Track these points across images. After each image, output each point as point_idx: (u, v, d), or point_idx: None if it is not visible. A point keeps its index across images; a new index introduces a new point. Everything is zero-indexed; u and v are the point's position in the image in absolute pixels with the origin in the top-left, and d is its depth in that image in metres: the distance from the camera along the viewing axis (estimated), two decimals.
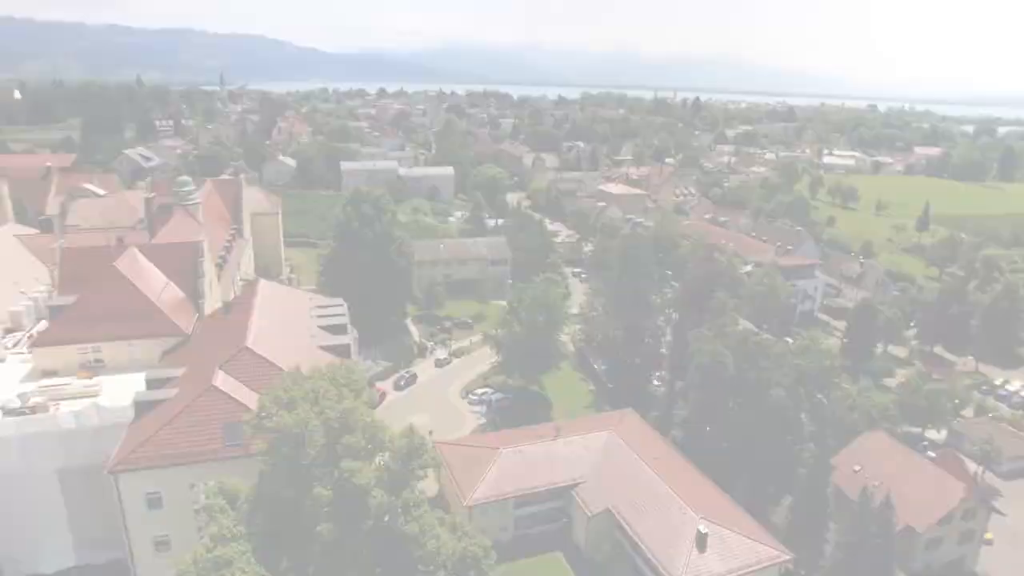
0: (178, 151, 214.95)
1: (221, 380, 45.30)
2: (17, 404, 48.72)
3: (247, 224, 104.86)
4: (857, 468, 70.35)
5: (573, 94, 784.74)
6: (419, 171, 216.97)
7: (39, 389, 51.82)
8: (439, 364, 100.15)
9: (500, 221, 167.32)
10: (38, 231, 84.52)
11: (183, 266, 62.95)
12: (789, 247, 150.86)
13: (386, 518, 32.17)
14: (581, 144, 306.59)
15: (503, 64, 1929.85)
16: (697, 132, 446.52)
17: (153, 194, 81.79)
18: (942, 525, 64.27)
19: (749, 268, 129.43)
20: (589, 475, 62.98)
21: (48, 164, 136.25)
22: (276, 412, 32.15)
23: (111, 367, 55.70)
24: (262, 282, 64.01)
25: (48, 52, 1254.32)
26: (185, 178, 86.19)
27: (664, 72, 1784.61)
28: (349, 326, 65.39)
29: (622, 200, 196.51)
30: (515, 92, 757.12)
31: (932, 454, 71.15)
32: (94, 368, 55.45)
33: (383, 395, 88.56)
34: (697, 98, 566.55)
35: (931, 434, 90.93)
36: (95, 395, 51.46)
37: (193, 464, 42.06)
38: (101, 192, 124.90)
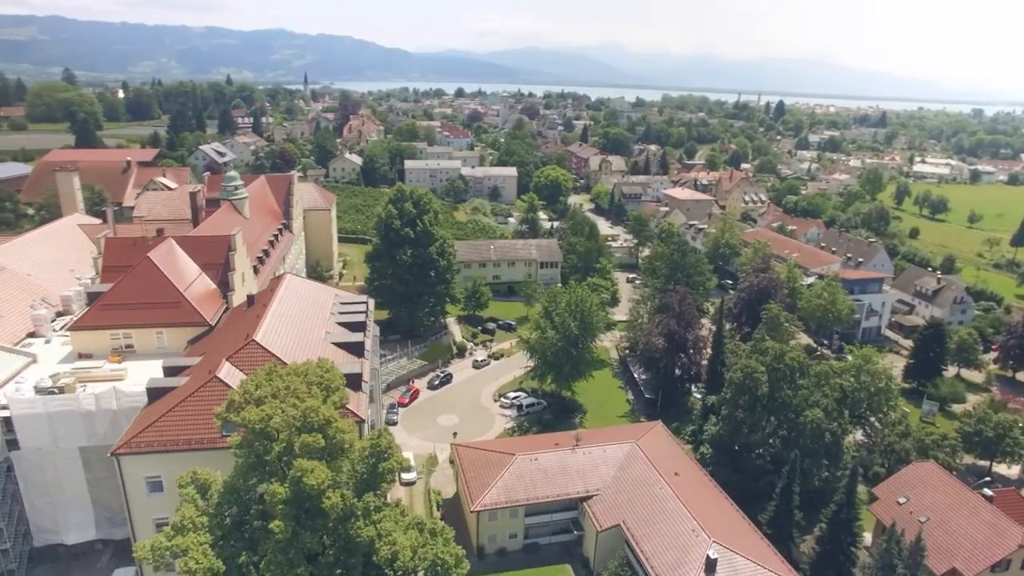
0: (252, 147, 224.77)
1: (225, 371, 46.37)
2: (48, 383, 51.53)
3: (298, 219, 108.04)
4: (902, 500, 65.14)
5: (653, 96, 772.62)
6: (481, 171, 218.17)
7: (72, 370, 54.76)
8: (477, 365, 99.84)
9: (555, 223, 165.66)
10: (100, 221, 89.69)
11: (215, 258, 65.21)
12: (860, 259, 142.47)
13: (346, 521, 31.83)
14: (652, 147, 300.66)
15: (584, 66, 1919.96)
16: (778, 137, 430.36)
17: (199, 188, 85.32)
18: (996, 573, 58.46)
19: (811, 280, 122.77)
20: (604, 487, 60.97)
21: (128, 159, 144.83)
22: (244, 406, 32.40)
23: (140, 353, 58.26)
24: (288, 276, 65.34)
25: (155, 54, 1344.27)
26: (232, 173, 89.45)
27: (748, 75, 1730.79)
28: (372, 324, 65.91)
29: (686, 205, 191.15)
30: (594, 94, 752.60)
31: (990, 492, 64.77)
32: (125, 353, 58.13)
33: (416, 393, 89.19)
34: (780, 102, 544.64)
35: (1002, 469, 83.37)
36: (120, 379, 53.86)
37: (192, 451, 43.11)
38: (173, 185, 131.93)
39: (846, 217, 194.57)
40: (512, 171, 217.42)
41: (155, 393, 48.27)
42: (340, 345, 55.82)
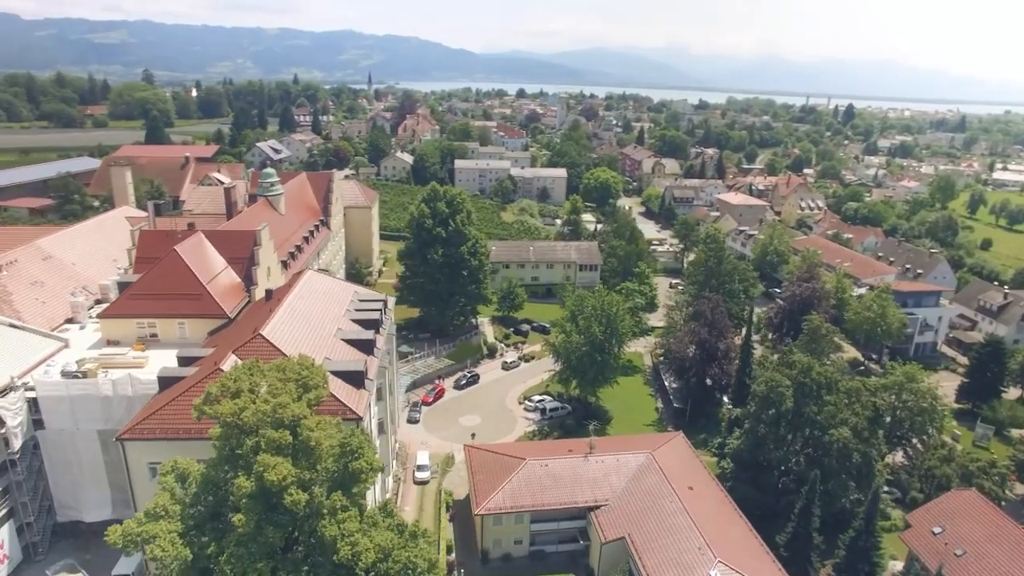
0: (307, 145, 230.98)
1: (229, 364, 47.33)
2: (74, 368, 53.93)
3: (338, 216, 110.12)
4: (937, 530, 61.01)
5: (717, 99, 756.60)
6: (531, 172, 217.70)
7: (99, 356, 57.15)
8: (506, 367, 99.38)
9: (599, 226, 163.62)
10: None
11: (242, 252, 66.93)
12: (919, 271, 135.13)
13: (313, 519, 31.90)
14: (709, 151, 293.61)
15: (648, 68, 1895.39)
16: (846, 142, 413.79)
17: (233, 184, 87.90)
18: None
19: (862, 291, 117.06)
20: (614, 498, 59.48)
21: (187, 155, 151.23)
22: (221, 399, 32.90)
23: (164, 342, 60.26)
24: (308, 273, 66.40)
25: (231, 54, 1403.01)
26: (269, 170, 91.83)
27: (814, 77, 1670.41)
28: (389, 322, 66.34)
29: (739, 211, 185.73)
30: (657, 96, 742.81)
31: None
32: (149, 342, 60.27)
33: (441, 392, 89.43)
34: (850, 105, 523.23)
35: None
36: (141, 366, 55.81)
37: (192, 440, 44.19)
38: (226, 180, 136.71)
39: (909, 226, 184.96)
40: (562, 172, 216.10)
41: (165, 382, 49.76)
42: (350, 342, 56.34)
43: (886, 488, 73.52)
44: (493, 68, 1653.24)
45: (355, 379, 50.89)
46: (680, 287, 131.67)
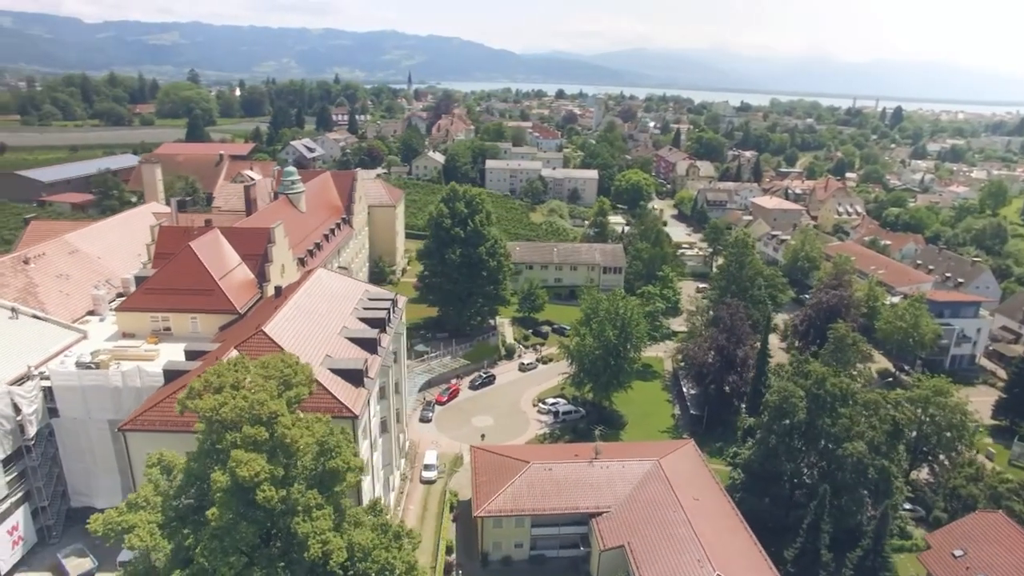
0: (341, 144, 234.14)
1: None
2: (88, 359, 55.47)
3: (361, 215, 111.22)
4: (958, 553, 58.43)
5: (760, 100, 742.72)
6: (562, 173, 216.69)
7: (113, 348, 58.65)
8: (523, 368, 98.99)
9: (626, 228, 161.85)
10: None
11: (256, 249, 67.97)
12: (959, 280, 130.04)
13: (288, 516, 32.06)
14: (747, 154, 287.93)
15: (690, 69, 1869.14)
16: (892, 146, 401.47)
17: (253, 182, 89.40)
18: None
19: (896, 300, 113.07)
20: (616, 505, 58.54)
21: (221, 152, 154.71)
22: (203, 394, 33.31)
23: (177, 336, 61.52)
24: (319, 271, 67.00)
25: (277, 54, 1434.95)
26: (290, 169, 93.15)
27: (863, 78, 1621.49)
28: (398, 321, 66.56)
29: (773, 215, 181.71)
30: (699, 97, 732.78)
31: None
32: (163, 335, 61.60)
33: (455, 392, 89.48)
34: (898, 107, 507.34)
35: None
36: (152, 359, 57.06)
37: (189, 433, 44.79)
38: (258, 177, 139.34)
39: (953, 233, 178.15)
40: (593, 174, 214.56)
41: (170, 375, 50.77)
42: (354, 340, 56.64)
43: (909, 506, 70.91)
44: (534, 69, 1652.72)
45: (354, 377, 51.12)
46: (703, 292, 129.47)
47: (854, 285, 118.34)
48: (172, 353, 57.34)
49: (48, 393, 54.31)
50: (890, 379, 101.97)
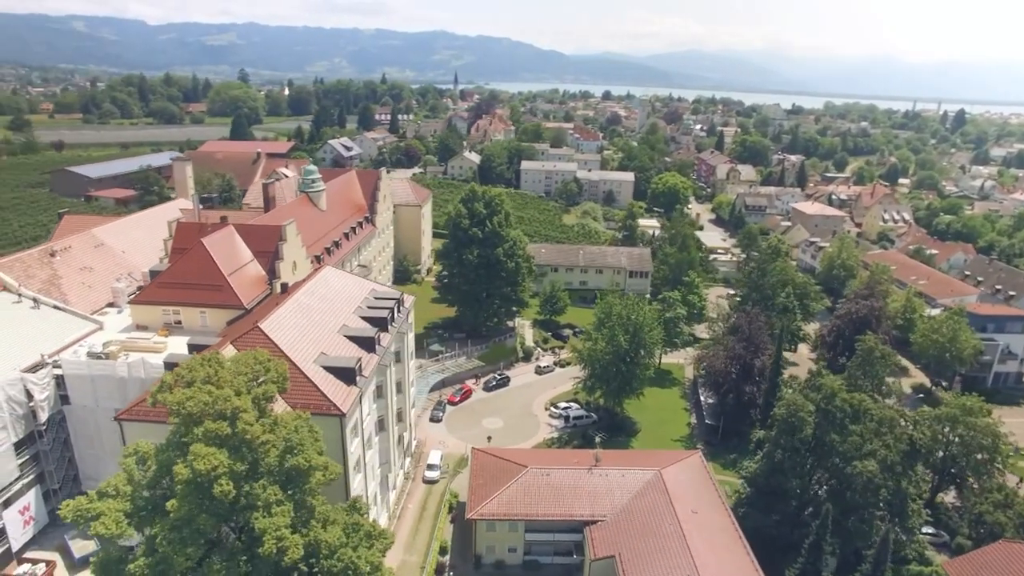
0: (379, 143, 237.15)
1: (226, 353, 48.97)
2: (99, 349, 57.42)
3: (385, 214, 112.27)
4: None
5: (814, 103, 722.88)
6: (597, 175, 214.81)
7: (127, 339, 60.54)
8: (540, 371, 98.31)
9: (657, 232, 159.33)
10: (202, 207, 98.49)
11: (268, 246, 69.18)
12: (1011, 292, 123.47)
13: (249, 511, 32.42)
14: (792, 158, 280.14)
15: (744, 71, 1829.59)
16: (952, 150, 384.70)
17: (273, 180, 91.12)
18: None
19: (936, 312, 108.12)
20: (612, 514, 57.43)
21: (258, 151, 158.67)
22: (174, 388, 33.97)
23: (188, 329, 63.10)
24: (326, 268, 67.88)
25: (329, 54, 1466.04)
26: (311, 167, 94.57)
27: (929, 80, 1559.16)
28: (403, 320, 66.82)
29: (814, 221, 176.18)
30: (751, 99, 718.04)
31: None
32: (174, 328, 63.26)
33: (467, 393, 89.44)
34: (961, 110, 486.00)
35: None
36: (160, 351, 58.71)
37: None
38: (291, 175, 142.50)
39: (1009, 243, 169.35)
40: (629, 176, 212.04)
41: (171, 367, 51.82)
42: (352, 338, 57.05)
43: (931, 530, 67.71)
44: (583, 70, 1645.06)
45: (346, 375, 51.44)
46: (727, 298, 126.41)
47: (891, 295, 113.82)
48: (180, 346, 58.68)
49: (60, 381, 56.43)
50: (922, 395, 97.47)
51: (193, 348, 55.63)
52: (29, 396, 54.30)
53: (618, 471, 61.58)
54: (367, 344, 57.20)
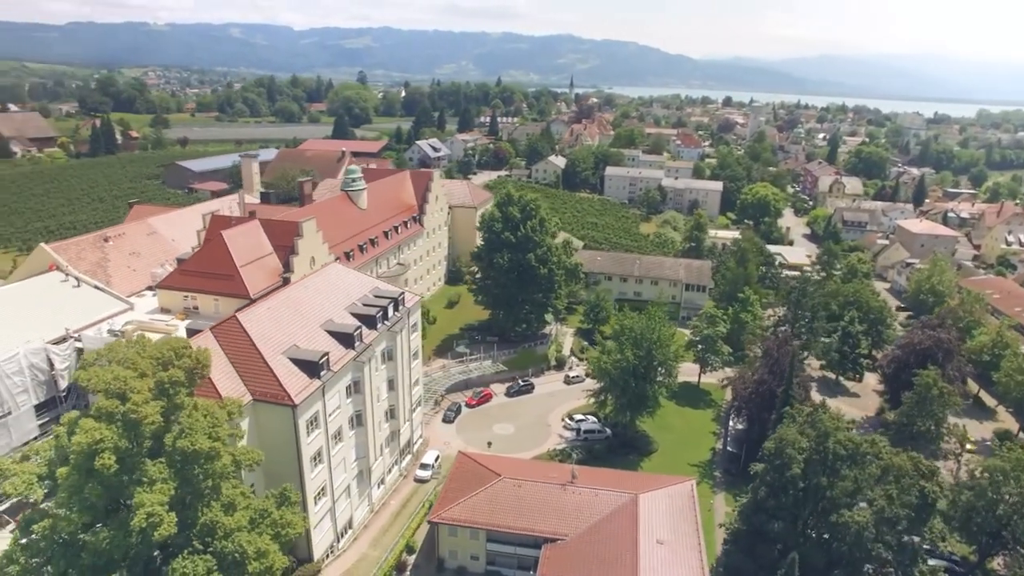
0: (468, 145, 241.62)
1: (204, 339, 52.46)
2: (118, 328, 63.09)
3: (435, 215, 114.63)
4: None
5: (966, 112, 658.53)
6: (683, 183, 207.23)
7: (143, 321, 66.02)
8: (568, 381, 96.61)
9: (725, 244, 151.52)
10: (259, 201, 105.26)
11: (287, 241, 72.85)
12: None
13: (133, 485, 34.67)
14: (914, 171, 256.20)
15: (889, 76, 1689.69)
16: None
17: (308, 178, 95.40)
18: None
19: None
20: (574, 534, 55.54)
21: (343, 149, 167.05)
22: (89, 367, 36.91)
23: (203, 315, 67.80)
24: (333, 265, 70.43)
25: (457, 57, 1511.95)
26: (353, 167, 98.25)
27: None
28: (402, 320, 68.14)
29: (919, 240, 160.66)
30: (892, 108, 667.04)
31: None
32: (192, 313, 68.24)
33: (487, 397, 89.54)
34: None
35: None
36: (171, 333, 63.42)
37: None
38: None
39: None
40: (717, 185, 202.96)
41: None
42: (332, 333, 59.02)
43: None
44: (710, 75, 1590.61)
45: (310, 368, 53.35)
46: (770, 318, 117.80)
47: (984, 327, 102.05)
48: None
49: (80, 354, 62.43)
50: (1007, 441, 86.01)
51: (190, 333, 59.85)
52: (51, 365, 60.54)
53: (591, 491, 59.44)
54: (345, 340, 58.93)
